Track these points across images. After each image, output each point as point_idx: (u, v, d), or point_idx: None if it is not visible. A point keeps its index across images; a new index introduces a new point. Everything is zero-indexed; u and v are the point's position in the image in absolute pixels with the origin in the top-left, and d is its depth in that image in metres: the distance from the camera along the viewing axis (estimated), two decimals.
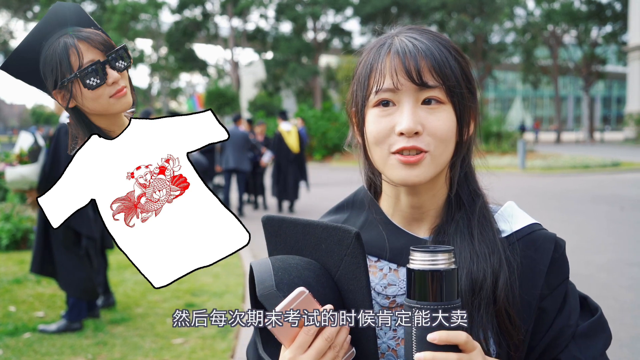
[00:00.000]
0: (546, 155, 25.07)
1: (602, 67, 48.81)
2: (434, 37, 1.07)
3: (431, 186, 1.10)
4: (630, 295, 5.98)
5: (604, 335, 1.12)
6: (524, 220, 1.15)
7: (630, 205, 11.77)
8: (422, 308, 0.89)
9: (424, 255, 0.90)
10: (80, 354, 4.55)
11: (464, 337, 0.88)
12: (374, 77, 1.06)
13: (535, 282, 1.08)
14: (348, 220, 1.21)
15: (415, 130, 1.01)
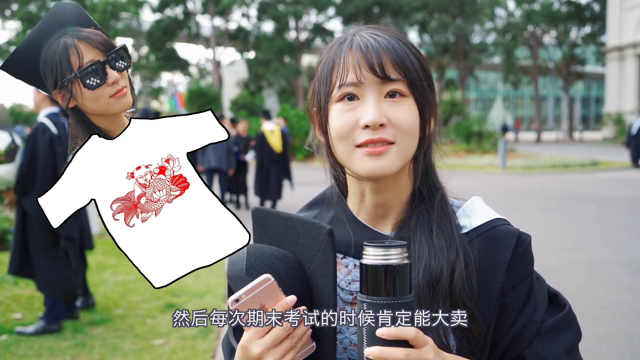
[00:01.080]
0: (526, 155, 25.30)
1: (581, 68, 49.35)
2: (393, 34, 1.10)
3: (395, 181, 1.11)
4: (609, 293, 6.05)
5: (571, 331, 1.11)
6: (486, 216, 1.15)
7: (609, 204, 11.92)
8: (373, 303, 0.89)
9: (377, 250, 0.90)
10: (59, 355, 4.49)
11: (413, 333, 0.88)
12: (337, 72, 1.06)
13: (495, 276, 1.07)
14: (317, 217, 1.22)
15: (380, 122, 1.02)
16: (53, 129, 5.03)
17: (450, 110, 35.56)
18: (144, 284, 6.45)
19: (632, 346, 4.66)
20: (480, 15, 44.57)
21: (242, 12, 44.51)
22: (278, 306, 0.96)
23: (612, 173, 18.92)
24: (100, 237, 8.55)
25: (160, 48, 44.48)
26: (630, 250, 7.86)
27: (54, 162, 4.97)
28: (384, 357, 0.87)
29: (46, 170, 4.92)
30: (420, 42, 48.56)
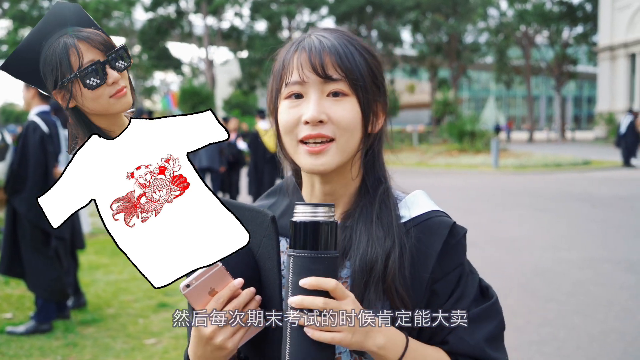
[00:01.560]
0: (519, 154, 25.38)
1: (573, 68, 49.53)
2: (343, 35, 1.17)
3: (340, 174, 1.18)
4: (601, 291, 6.07)
5: (494, 321, 1.17)
6: (424, 207, 1.21)
7: (601, 203, 11.96)
8: (299, 256, 0.97)
9: (306, 208, 0.99)
10: (50, 355, 4.46)
11: (333, 284, 0.96)
12: (285, 72, 1.16)
13: (427, 264, 1.14)
14: (274, 204, 1.29)
15: (319, 119, 1.10)
16: (44, 127, 4.99)
17: (443, 109, 35.60)
18: (136, 284, 6.41)
19: (624, 344, 4.67)
20: (472, 15, 44.66)
21: (234, 11, 44.44)
22: (226, 289, 1.04)
23: (604, 172, 19.00)
24: (92, 237, 8.52)
25: (153, 47, 44.33)
26: (623, 249, 7.89)
27: (45, 161, 4.93)
28: (304, 304, 0.95)
29: (37, 169, 4.88)
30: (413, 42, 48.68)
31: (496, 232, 9.08)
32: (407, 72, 54.13)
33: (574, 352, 4.56)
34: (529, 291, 6.14)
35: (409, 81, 57.43)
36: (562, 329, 5.01)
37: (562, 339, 4.81)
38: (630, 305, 5.61)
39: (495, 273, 6.76)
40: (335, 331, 0.96)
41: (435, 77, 48.06)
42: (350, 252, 1.14)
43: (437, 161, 23.55)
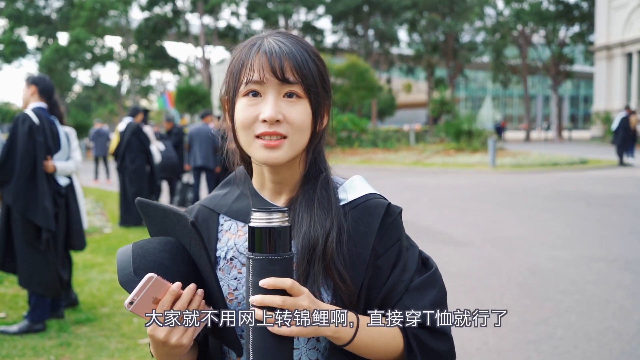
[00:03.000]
0: (516, 153, 25.38)
1: (570, 67, 49.59)
2: (297, 41, 1.27)
3: (289, 166, 1.29)
4: (597, 290, 6.05)
5: (434, 289, 1.29)
6: (363, 190, 1.34)
7: (597, 202, 11.96)
8: (257, 259, 1.05)
9: (261, 214, 1.07)
10: (43, 355, 4.42)
11: (289, 283, 1.06)
12: (245, 71, 1.24)
13: (367, 242, 1.26)
14: (228, 193, 1.41)
15: (276, 119, 1.20)
16: (34, 119, 4.91)
17: (440, 109, 35.64)
18: None
19: (621, 343, 4.65)
20: (469, 14, 44.70)
21: (231, 10, 44.43)
22: (167, 294, 1.11)
23: (601, 171, 19.02)
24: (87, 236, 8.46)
25: (149, 46, 44.28)
26: (619, 247, 7.88)
27: (34, 151, 4.86)
28: (265, 303, 1.05)
29: (24, 159, 4.80)
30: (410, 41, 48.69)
31: (493, 231, 9.06)
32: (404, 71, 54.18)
33: (570, 350, 4.54)
34: (526, 290, 6.12)
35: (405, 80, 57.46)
36: (559, 328, 4.99)
37: (559, 337, 4.79)
38: (626, 304, 5.60)
39: (492, 272, 6.75)
40: (293, 324, 1.06)
41: (432, 76, 48.09)
42: (293, 232, 1.24)
43: (434, 160, 23.53)
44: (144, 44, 44.08)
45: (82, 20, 40.08)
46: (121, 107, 46.28)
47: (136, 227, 10.08)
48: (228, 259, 1.31)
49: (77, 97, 54.48)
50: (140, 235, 9.27)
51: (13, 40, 41.52)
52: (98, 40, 41.89)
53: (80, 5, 41.10)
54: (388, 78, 52.06)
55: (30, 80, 5.14)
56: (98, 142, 19.45)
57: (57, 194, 5.07)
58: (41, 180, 4.86)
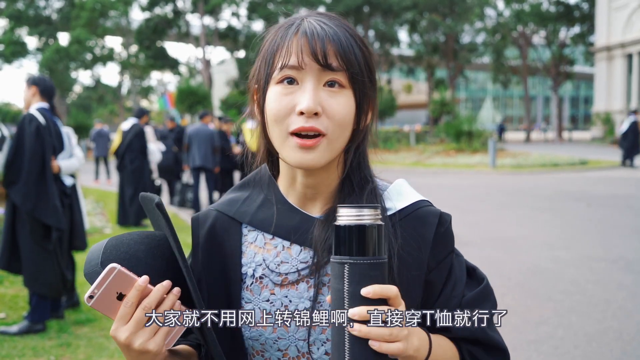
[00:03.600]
0: (516, 154, 25.37)
1: (570, 68, 49.58)
2: (342, 24, 1.10)
3: (325, 169, 1.12)
4: (598, 290, 6.05)
5: (488, 303, 1.18)
6: (410, 197, 1.18)
7: (598, 203, 11.95)
8: (357, 263, 0.89)
9: (351, 210, 0.92)
10: (43, 355, 4.41)
11: (396, 290, 0.91)
12: (280, 54, 1.07)
13: (421, 258, 1.12)
14: (249, 197, 1.22)
15: (315, 111, 1.03)
16: (40, 119, 4.92)
17: (440, 109, 35.62)
18: None
19: (622, 343, 4.65)
20: (469, 15, 44.69)
21: (232, 11, 44.40)
22: (132, 290, 0.98)
23: (601, 172, 19.01)
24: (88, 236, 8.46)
25: (150, 47, 44.26)
26: (619, 248, 7.88)
27: (42, 151, 4.87)
28: (370, 335, 0.88)
29: (33, 160, 4.81)
30: (410, 42, 48.69)
31: (493, 232, 9.05)
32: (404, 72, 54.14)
33: (571, 351, 4.54)
34: (526, 290, 6.11)
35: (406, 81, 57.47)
36: (560, 328, 4.99)
37: (560, 337, 4.78)
38: (627, 304, 5.59)
39: (493, 272, 6.74)
40: (397, 341, 0.91)
41: (432, 77, 48.08)
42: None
43: (434, 161, 23.53)
44: (145, 44, 44.06)
45: (82, 21, 40.08)
46: (122, 108, 46.29)
47: (135, 227, 10.08)
48: (257, 277, 1.14)
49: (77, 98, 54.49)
50: None
51: (13, 40, 41.54)
52: (98, 40, 41.90)
53: (80, 6, 41.10)
54: (388, 79, 52.03)
55: (30, 81, 5.14)
56: (99, 142, 19.46)
57: (62, 194, 5.08)
58: (50, 179, 4.87)
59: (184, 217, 11.35)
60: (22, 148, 4.82)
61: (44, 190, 4.84)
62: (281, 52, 1.07)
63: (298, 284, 1.11)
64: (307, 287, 1.11)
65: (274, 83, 1.08)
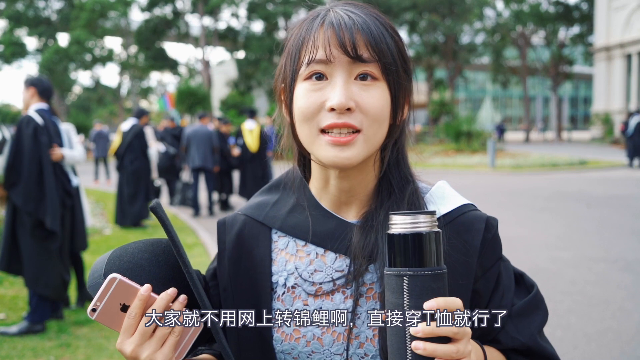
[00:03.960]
0: (515, 154, 25.39)
1: (570, 68, 49.62)
2: (371, 12, 1.03)
3: (361, 169, 1.05)
4: (597, 291, 6.05)
5: (540, 312, 1.11)
6: (455, 201, 1.09)
7: (597, 203, 11.96)
8: (418, 275, 0.82)
9: (405, 217, 0.84)
10: (43, 356, 4.42)
11: (460, 303, 0.83)
12: (306, 48, 1.00)
13: (469, 266, 1.04)
14: (279, 201, 1.15)
15: (347, 106, 0.95)
16: (38, 119, 4.95)
17: (440, 110, 35.64)
18: None
19: (621, 344, 4.65)
20: (469, 15, 44.70)
21: (231, 11, 44.39)
22: (136, 300, 0.93)
23: (600, 172, 19.01)
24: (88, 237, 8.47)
25: (149, 47, 44.27)
26: (618, 248, 7.88)
27: (39, 152, 4.89)
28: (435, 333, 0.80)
29: (32, 161, 4.84)
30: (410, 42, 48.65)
31: None
32: None
33: (570, 351, 4.54)
34: None
35: None
36: (559, 328, 4.99)
37: (559, 338, 4.79)
38: (626, 305, 5.60)
39: None
40: (464, 357, 0.84)
41: (431, 77, 48.09)
42: (377, 256, 1.01)
43: (433, 161, 23.53)
44: (144, 45, 44.07)
45: (82, 22, 40.08)
46: (121, 109, 46.29)
47: (135, 228, 10.08)
48: (289, 286, 1.07)
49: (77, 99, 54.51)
50: (139, 237, 9.26)
51: (13, 41, 41.53)
52: (98, 41, 41.89)
53: (80, 7, 41.11)
54: None
55: (28, 82, 5.16)
56: (99, 143, 19.48)
57: (66, 194, 5.09)
58: (49, 180, 4.88)
59: (184, 218, 11.36)
60: (21, 150, 4.84)
61: (43, 191, 4.86)
62: (307, 46, 1.00)
63: (333, 294, 1.04)
64: (344, 298, 1.03)
65: (301, 80, 1.01)
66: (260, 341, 1.06)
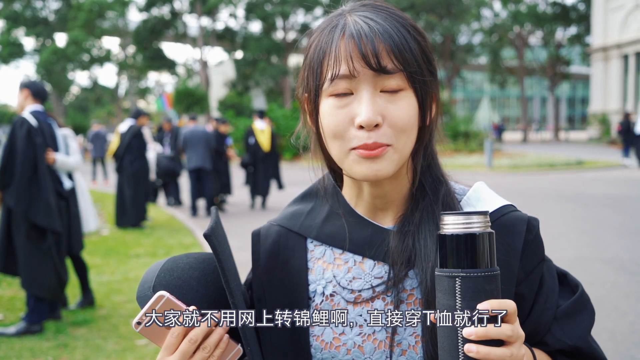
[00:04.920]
0: (513, 154, 25.46)
1: (567, 68, 49.69)
2: (390, 14, 1.00)
3: (394, 177, 1.04)
4: (592, 291, 6.09)
5: (587, 313, 1.09)
6: (494, 203, 1.07)
7: (593, 203, 12.01)
8: (471, 276, 0.81)
9: (458, 217, 0.83)
10: (40, 356, 4.44)
11: (514, 306, 0.82)
12: (328, 63, 0.98)
13: (511, 269, 1.02)
14: (313, 210, 1.14)
15: (375, 122, 0.94)
16: (32, 121, 4.97)
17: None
18: (128, 285, 6.40)
19: (614, 343, 4.69)
20: (466, 15, 44.75)
21: (229, 12, 44.38)
22: (199, 330, 0.94)
23: (597, 172, 19.07)
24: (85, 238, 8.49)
25: (147, 47, 44.25)
26: (614, 248, 7.93)
27: (33, 154, 4.91)
28: (489, 335, 0.80)
29: (24, 162, 4.86)
30: None
31: None
32: None
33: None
34: None
35: None
36: None
37: None
38: (620, 305, 5.64)
39: None
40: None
41: None
42: (416, 260, 1.00)
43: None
44: (142, 45, 44.05)
45: (79, 22, 40.06)
46: (119, 109, 46.28)
47: (133, 228, 10.10)
48: (327, 295, 1.06)
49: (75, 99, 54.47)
50: (137, 238, 9.30)
51: (10, 41, 41.51)
52: (96, 41, 41.89)
53: (77, 7, 41.09)
54: None
55: (22, 84, 5.22)
56: (96, 144, 19.51)
57: (58, 196, 5.11)
58: (43, 181, 4.90)
59: (181, 218, 11.38)
60: (15, 152, 4.88)
61: (37, 192, 4.88)
62: (329, 60, 0.97)
63: (373, 301, 1.03)
64: (384, 305, 1.02)
65: (326, 95, 0.99)
66: (297, 350, 1.05)
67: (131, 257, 7.86)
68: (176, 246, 8.54)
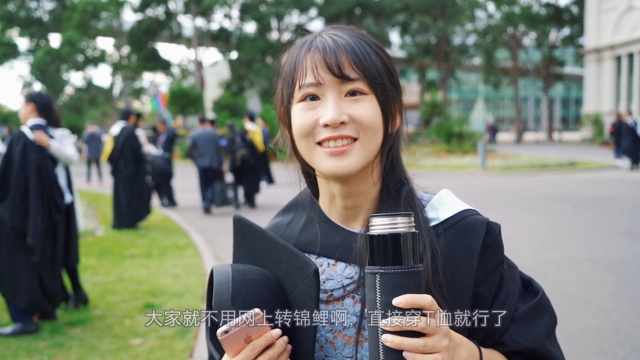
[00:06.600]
0: (506, 155, 25.59)
1: (561, 69, 49.91)
2: (355, 33, 1.11)
3: (361, 177, 1.11)
4: (579, 291, 6.19)
5: (545, 316, 1.14)
6: (455, 207, 1.15)
7: (584, 204, 12.13)
8: (388, 273, 0.87)
9: (383, 219, 0.90)
10: (36, 356, 4.51)
11: (430, 300, 0.88)
12: (298, 73, 1.08)
13: (468, 269, 1.08)
14: (292, 221, 1.24)
15: (340, 120, 1.03)
16: (30, 135, 5.08)
17: (432, 111, 35.80)
18: (122, 285, 6.47)
19: (599, 342, 4.79)
20: (460, 17, 44.90)
21: (224, 12, 44.41)
22: (263, 338, 0.98)
23: (589, 173, 19.21)
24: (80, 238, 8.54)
25: (142, 48, 44.21)
26: (603, 249, 8.03)
27: (26, 170, 5.00)
28: (404, 327, 0.86)
29: (19, 177, 4.97)
30: (402, 43, 48.86)
31: None
32: None
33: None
34: None
35: None
36: None
37: None
38: (607, 304, 5.74)
39: None
40: (435, 352, 0.88)
41: (423, 78, 48.26)
42: None
43: (425, 162, 23.68)
44: (137, 45, 44.02)
45: (74, 22, 40.00)
46: (114, 109, 46.22)
47: (128, 229, 10.16)
48: None
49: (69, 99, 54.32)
50: (132, 239, 9.36)
51: (4, 42, 41.40)
52: (90, 42, 41.82)
53: (72, 7, 41.03)
54: None
55: (28, 97, 5.32)
56: (91, 145, 19.53)
57: (56, 210, 5.16)
58: (34, 198, 4.97)
59: (176, 219, 11.44)
60: (11, 166, 4.99)
61: (28, 207, 4.96)
62: (298, 72, 1.08)
63: (343, 299, 1.11)
64: (353, 303, 1.10)
65: (296, 102, 1.09)
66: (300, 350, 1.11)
67: (126, 258, 7.93)
68: (170, 247, 8.61)
